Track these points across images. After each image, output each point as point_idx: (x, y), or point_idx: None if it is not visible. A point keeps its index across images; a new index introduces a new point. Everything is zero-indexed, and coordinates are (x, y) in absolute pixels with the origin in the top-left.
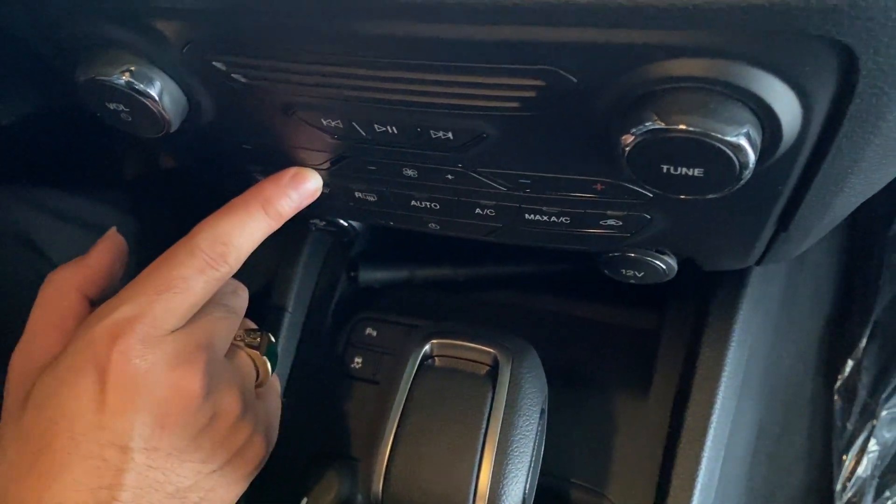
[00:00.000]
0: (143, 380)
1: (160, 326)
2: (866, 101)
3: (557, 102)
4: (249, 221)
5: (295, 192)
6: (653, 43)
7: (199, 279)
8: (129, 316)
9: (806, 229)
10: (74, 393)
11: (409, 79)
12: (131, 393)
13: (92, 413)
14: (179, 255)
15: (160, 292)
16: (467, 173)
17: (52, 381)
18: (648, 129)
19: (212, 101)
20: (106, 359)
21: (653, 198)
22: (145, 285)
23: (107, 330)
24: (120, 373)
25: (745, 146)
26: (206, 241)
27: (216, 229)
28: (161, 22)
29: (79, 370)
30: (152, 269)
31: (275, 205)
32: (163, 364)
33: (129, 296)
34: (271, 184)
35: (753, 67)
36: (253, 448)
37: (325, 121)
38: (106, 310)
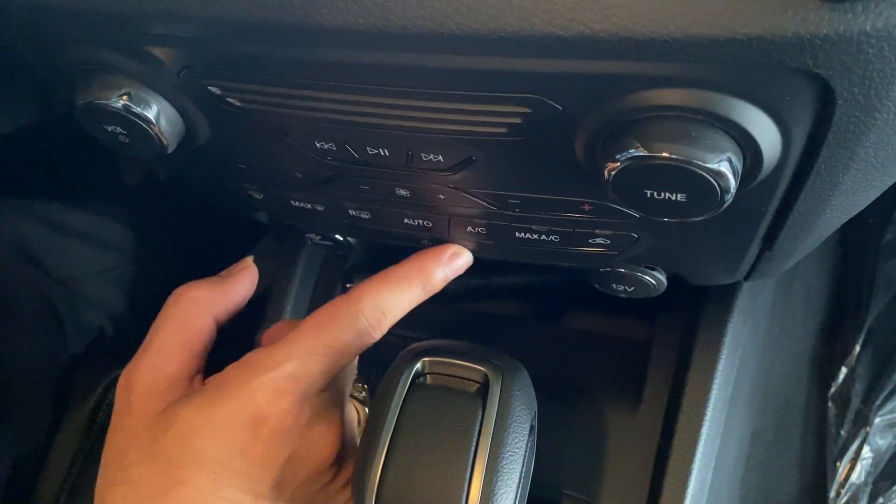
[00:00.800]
0: (293, 437)
1: (317, 387)
2: (843, 129)
3: (543, 128)
4: (408, 294)
5: (450, 270)
6: (635, 73)
7: (356, 345)
8: (295, 374)
9: (790, 248)
10: (227, 438)
11: (400, 105)
12: (281, 448)
13: (239, 459)
14: (343, 318)
15: (324, 354)
16: (458, 193)
17: (201, 418)
18: (632, 155)
19: (207, 123)
20: (267, 413)
21: (639, 218)
22: (309, 343)
23: (272, 385)
24: (276, 428)
25: (726, 173)
26: (370, 310)
27: (378, 299)
28: (158, 48)
29: (236, 417)
30: (317, 326)
31: (432, 281)
32: (311, 422)
33: (293, 352)
34: (432, 261)
35: (733, 97)
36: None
37: (318, 143)
38: (268, 360)
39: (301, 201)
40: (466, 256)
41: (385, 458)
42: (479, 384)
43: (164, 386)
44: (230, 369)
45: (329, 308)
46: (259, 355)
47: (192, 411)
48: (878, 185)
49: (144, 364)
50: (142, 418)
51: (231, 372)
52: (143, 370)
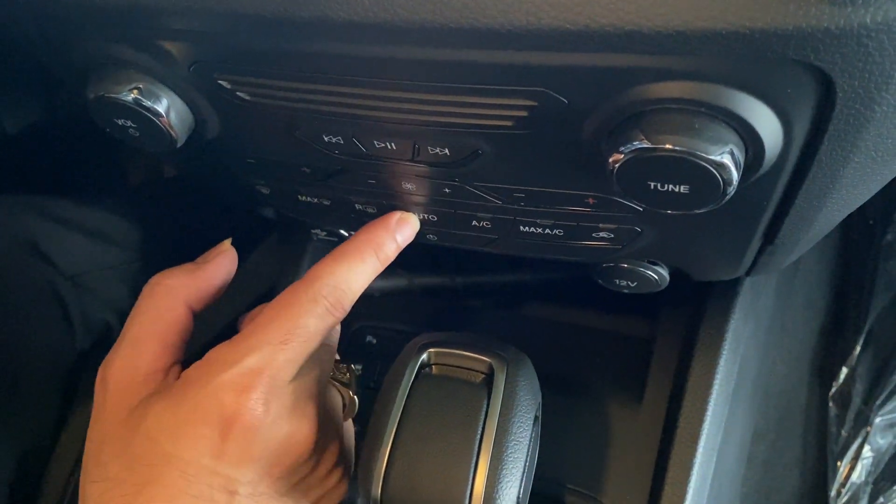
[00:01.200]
0: (262, 432)
1: (283, 378)
2: (844, 122)
3: (549, 122)
4: (363, 266)
5: (400, 236)
6: (640, 66)
7: (320, 326)
8: (256, 367)
9: (792, 242)
10: (194, 436)
11: (407, 98)
12: (250, 443)
13: (208, 458)
14: (301, 303)
15: (285, 342)
16: (464, 187)
17: (170, 418)
18: (636, 147)
19: (217, 117)
20: (232, 410)
21: (643, 212)
22: (269, 333)
23: (234, 381)
24: (244, 424)
25: (728, 164)
26: (328, 289)
27: (335, 276)
28: (169, 42)
29: (202, 416)
30: (274, 316)
31: (384, 249)
32: (281, 415)
33: (254, 344)
34: (380, 229)
35: (736, 90)
36: (339, 488)
37: (326, 137)
38: (229, 356)
39: (308, 196)
40: (413, 222)
41: (391, 447)
42: (484, 374)
43: (138, 379)
44: (194, 367)
45: (285, 295)
46: (220, 351)
47: (161, 410)
48: (879, 179)
49: (118, 357)
50: (115, 413)
51: (195, 370)
52: (116, 363)
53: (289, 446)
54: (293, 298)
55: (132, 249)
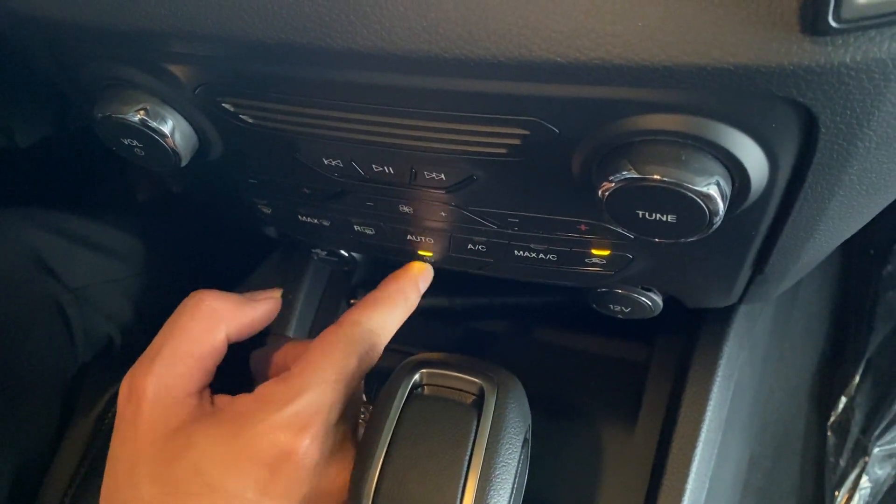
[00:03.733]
0: (309, 473)
1: (334, 418)
2: (828, 156)
3: (541, 150)
4: (395, 312)
5: (423, 284)
6: (628, 99)
7: (361, 369)
8: (314, 406)
9: (782, 272)
10: (247, 473)
11: (405, 124)
12: (297, 484)
13: (254, 493)
14: (346, 346)
15: (336, 382)
16: (459, 211)
17: (221, 450)
18: (624, 177)
19: (220, 138)
20: (288, 449)
21: (634, 239)
22: (322, 372)
23: (291, 420)
24: (296, 464)
25: (714, 196)
26: (366, 333)
27: (371, 320)
28: (174, 66)
29: (256, 453)
30: (321, 356)
31: (410, 297)
32: (326, 457)
33: (310, 383)
34: (406, 279)
35: (722, 123)
36: None
37: (325, 160)
38: (285, 394)
39: (308, 216)
40: (430, 272)
41: (381, 467)
42: (474, 396)
43: (172, 400)
44: (247, 401)
45: (329, 336)
46: (274, 388)
47: (210, 442)
48: (865, 212)
49: (153, 373)
50: (150, 433)
51: (249, 404)
52: (151, 379)
53: (332, 486)
54: (336, 339)
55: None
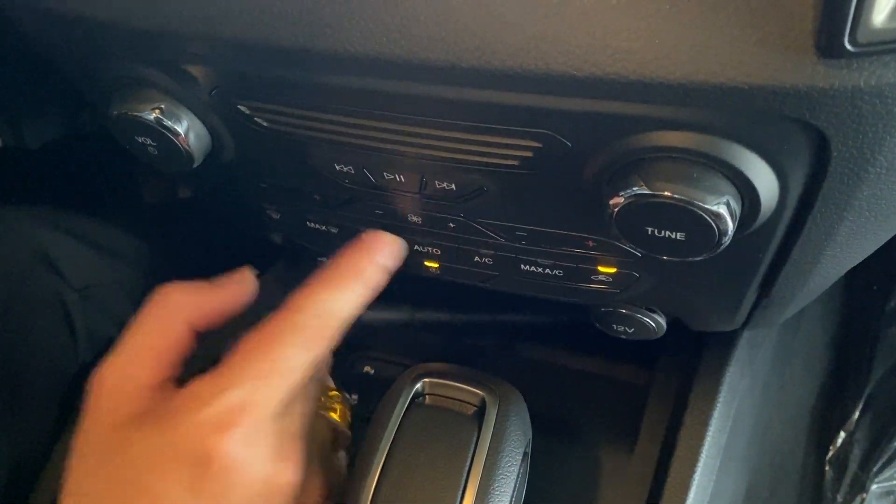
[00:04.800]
0: (242, 473)
1: (265, 416)
2: (838, 180)
3: (553, 163)
4: (350, 295)
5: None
6: (642, 115)
7: (304, 359)
8: (237, 405)
9: (787, 297)
10: (171, 472)
11: (418, 133)
12: (229, 485)
13: (184, 496)
14: (283, 333)
15: (266, 377)
16: (468, 223)
17: (151, 449)
18: (635, 193)
19: (234, 141)
20: (212, 449)
21: (641, 257)
22: (249, 368)
23: (214, 419)
24: (222, 465)
25: (724, 215)
26: (312, 318)
27: (317, 304)
28: (193, 67)
29: (180, 454)
30: (254, 348)
31: (367, 275)
32: (262, 457)
33: (234, 380)
34: (361, 253)
35: (734, 143)
36: None
37: (337, 166)
38: (208, 391)
39: (317, 223)
40: (394, 244)
41: (380, 474)
42: (475, 407)
43: (127, 392)
44: (178, 397)
45: (267, 325)
46: (202, 384)
47: (143, 438)
48: (874, 238)
49: (110, 364)
50: (101, 426)
51: (178, 401)
52: (108, 372)
53: (270, 490)
54: (274, 329)
55: (141, 266)
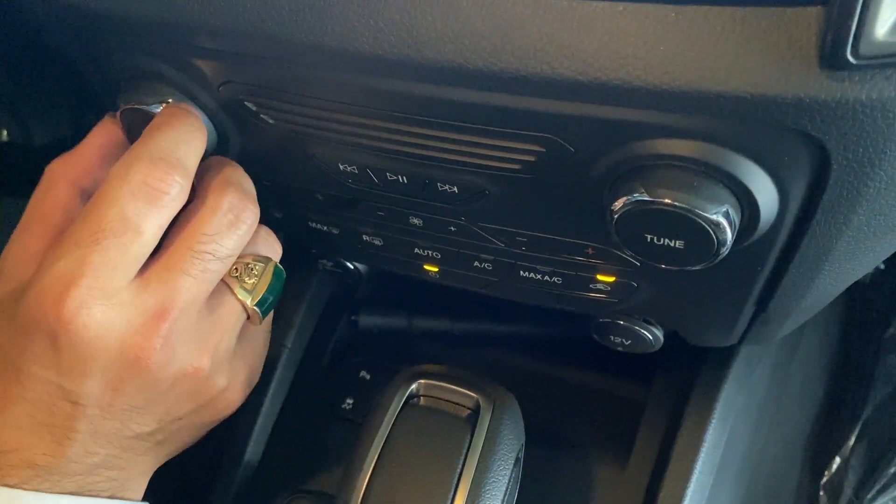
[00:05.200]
0: (95, 343)
1: (104, 282)
2: (838, 193)
3: (555, 168)
4: (186, 128)
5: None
6: (645, 122)
7: (144, 213)
8: (67, 274)
9: (785, 312)
10: (25, 343)
11: (423, 134)
12: (83, 356)
13: (40, 368)
14: (113, 189)
15: (98, 240)
16: (469, 227)
17: (10, 321)
18: (636, 199)
19: (239, 137)
20: (54, 321)
21: (640, 266)
22: (79, 234)
23: (46, 291)
24: (70, 335)
25: (723, 224)
26: (139, 161)
27: (147, 146)
28: (202, 61)
29: (30, 324)
30: (90, 209)
31: (196, 120)
32: (118, 326)
33: (64, 247)
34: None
35: (736, 153)
36: (227, 396)
37: (341, 165)
38: (49, 257)
39: (318, 223)
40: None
41: (371, 474)
42: (470, 410)
43: (23, 261)
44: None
45: (104, 182)
46: (50, 250)
47: (6, 312)
48: (872, 255)
49: (10, 241)
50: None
51: (38, 269)
52: (7, 247)
53: (130, 363)
54: (106, 186)
55: None
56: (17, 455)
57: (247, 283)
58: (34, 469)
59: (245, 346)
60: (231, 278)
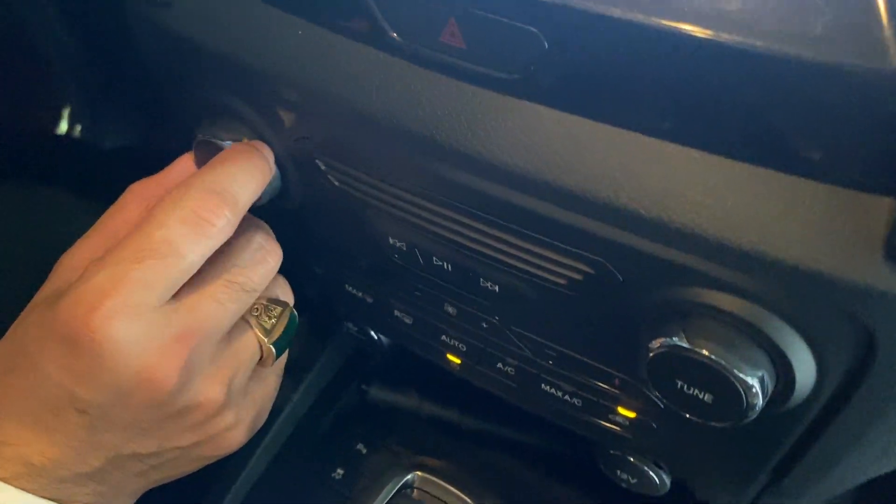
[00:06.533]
0: (115, 357)
1: (137, 300)
2: (878, 385)
3: (600, 292)
4: (249, 168)
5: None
6: (698, 270)
7: (190, 240)
8: (104, 287)
9: (800, 488)
10: (48, 346)
11: (478, 229)
12: (101, 366)
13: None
14: (164, 212)
15: (141, 259)
16: (501, 328)
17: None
18: (674, 343)
19: (302, 189)
20: (81, 327)
21: (663, 409)
22: (124, 249)
23: (81, 299)
24: (93, 344)
25: (756, 388)
26: (195, 191)
27: (207, 181)
28: (285, 112)
29: (56, 331)
30: (140, 228)
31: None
32: (142, 345)
33: (108, 262)
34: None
35: (782, 321)
36: (230, 436)
37: (391, 239)
38: (91, 269)
39: (355, 288)
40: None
41: None
42: None
43: (73, 267)
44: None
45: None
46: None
47: (40, 314)
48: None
49: (72, 247)
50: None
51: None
52: (67, 252)
53: (142, 385)
54: (156, 209)
55: None
56: (13, 449)
57: (266, 323)
58: (27, 467)
59: (255, 387)
60: (251, 316)
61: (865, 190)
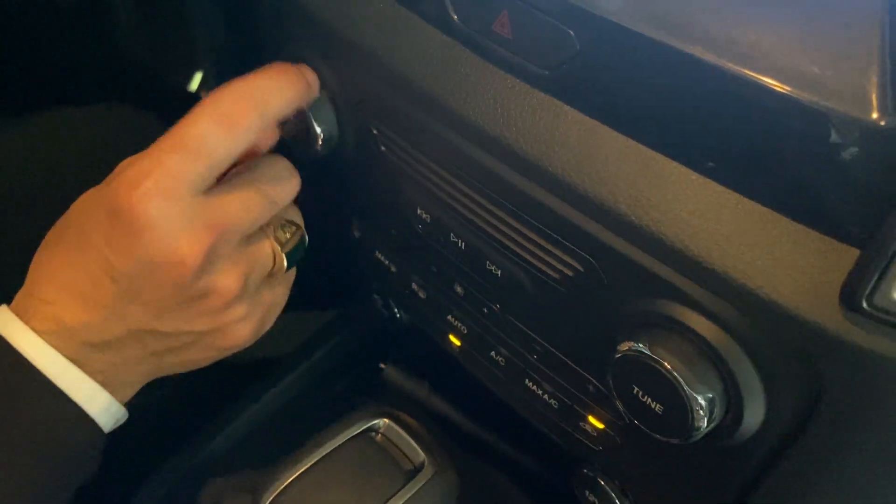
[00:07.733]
0: (147, 231)
1: (171, 184)
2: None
3: (587, 292)
4: (274, 83)
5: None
6: (673, 283)
7: (219, 137)
8: (144, 169)
9: None
10: (95, 221)
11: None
12: (131, 238)
13: (99, 239)
14: (202, 112)
15: (172, 150)
16: (500, 315)
17: (91, 200)
18: (638, 349)
19: (355, 149)
20: (121, 201)
21: (627, 425)
22: (164, 142)
23: (126, 178)
24: (127, 217)
25: (703, 408)
26: (229, 95)
27: (240, 88)
28: (353, 75)
29: (103, 205)
30: (179, 125)
31: (298, 78)
32: (171, 226)
33: (150, 151)
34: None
35: (738, 347)
36: (240, 329)
37: (419, 210)
38: (138, 156)
39: (383, 255)
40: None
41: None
42: (412, 467)
43: None
44: None
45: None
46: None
47: (90, 194)
48: None
49: None
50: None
51: None
52: None
53: (168, 262)
54: (195, 108)
55: None
56: (51, 308)
57: (281, 237)
58: (59, 325)
59: (266, 291)
60: (268, 228)
61: (836, 237)
